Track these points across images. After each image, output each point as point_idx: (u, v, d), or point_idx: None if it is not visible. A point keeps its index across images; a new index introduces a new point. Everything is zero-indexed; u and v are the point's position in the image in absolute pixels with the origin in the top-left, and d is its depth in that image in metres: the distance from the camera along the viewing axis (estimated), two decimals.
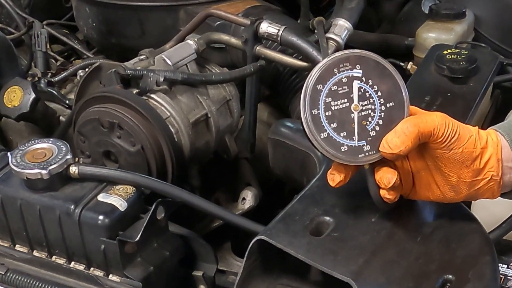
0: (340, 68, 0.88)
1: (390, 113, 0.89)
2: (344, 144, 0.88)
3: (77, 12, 1.82)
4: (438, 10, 1.61)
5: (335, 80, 0.88)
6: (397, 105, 0.90)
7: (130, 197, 1.09)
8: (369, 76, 0.89)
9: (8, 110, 1.53)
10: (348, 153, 0.88)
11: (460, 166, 0.91)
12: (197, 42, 1.43)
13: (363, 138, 0.89)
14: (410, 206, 0.98)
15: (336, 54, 0.89)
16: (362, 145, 0.89)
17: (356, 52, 0.90)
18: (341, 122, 0.88)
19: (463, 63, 1.33)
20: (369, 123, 0.89)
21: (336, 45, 1.39)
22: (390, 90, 0.90)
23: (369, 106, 0.89)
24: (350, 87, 0.88)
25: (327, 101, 0.87)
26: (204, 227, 1.39)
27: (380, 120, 0.89)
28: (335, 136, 0.88)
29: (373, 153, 0.89)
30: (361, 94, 0.88)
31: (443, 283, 0.89)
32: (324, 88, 0.87)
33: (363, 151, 0.89)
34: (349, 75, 0.88)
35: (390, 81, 0.90)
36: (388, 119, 0.89)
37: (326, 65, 0.88)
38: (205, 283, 1.16)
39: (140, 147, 1.24)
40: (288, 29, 1.39)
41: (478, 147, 0.91)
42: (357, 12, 1.45)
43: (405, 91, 0.90)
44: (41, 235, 1.11)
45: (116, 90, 1.28)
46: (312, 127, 0.87)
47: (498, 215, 1.09)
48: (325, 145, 0.88)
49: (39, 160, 1.09)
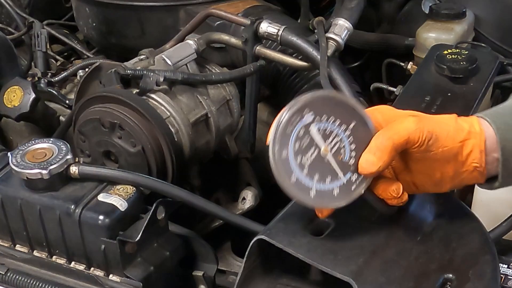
0: (292, 124, 0.84)
1: (356, 134, 0.87)
2: (333, 188, 0.86)
3: (77, 12, 1.82)
4: (438, 10, 1.61)
5: (293, 139, 0.84)
6: (359, 123, 0.87)
7: (130, 197, 1.09)
8: (321, 112, 0.85)
9: (8, 110, 1.53)
10: (342, 193, 0.86)
11: (442, 163, 0.90)
12: (197, 42, 1.43)
13: (347, 170, 0.87)
14: (410, 205, 0.98)
15: (283, 116, 0.84)
16: (349, 177, 0.87)
17: (299, 102, 0.85)
18: (321, 171, 0.85)
19: (463, 63, 1.33)
20: (344, 154, 0.87)
21: (336, 44, 1.39)
22: (344, 113, 0.87)
23: (335, 139, 0.86)
24: (309, 134, 0.85)
25: (300, 162, 0.84)
26: (204, 227, 1.39)
27: (352, 144, 0.87)
28: (322, 186, 0.85)
29: (362, 178, 0.88)
30: (323, 134, 0.86)
31: (443, 283, 0.89)
32: (289, 153, 0.84)
33: (353, 182, 0.87)
34: (303, 125, 0.85)
35: (342, 105, 0.87)
36: (358, 140, 0.87)
37: (280, 133, 0.84)
38: (205, 283, 1.16)
39: (140, 148, 1.24)
40: (288, 29, 1.39)
41: (457, 140, 0.89)
42: (357, 12, 1.45)
43: (358, 107, 0.87)
44: (41, 235, 1.11)
45: (116, 90, 1.28)
46: (300, 195, 0.85)
47: (499, 214, 1.10)
48: (318, 201, 0.86)
49: (39, 160, 1.09)
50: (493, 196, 1.21)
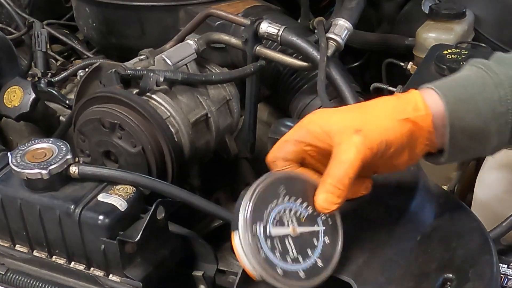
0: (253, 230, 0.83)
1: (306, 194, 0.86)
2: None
3: (77, 12, 1.82)
4: (438, 10, 1.61)
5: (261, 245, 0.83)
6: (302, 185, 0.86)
7: (130, 197, 1.09)
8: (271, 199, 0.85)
9: (8, 110, 1.53)
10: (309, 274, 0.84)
11: (397, 155, 0.88)
12: (197, 42, 1.43)
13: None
14: (410, 205, 0.98)
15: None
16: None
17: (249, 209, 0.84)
18: (284, 251, 0.84)
19: (463, 63, 1.33)
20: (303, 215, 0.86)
21: (336, 45, 1.39)
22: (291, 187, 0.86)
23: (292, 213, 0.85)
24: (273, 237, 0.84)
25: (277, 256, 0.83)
26: (204, 227, 1.39)
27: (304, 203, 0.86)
28: (295, 267, 0.83)
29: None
30: (279, 220, 0.84)
31: (443, 282, 0.89)
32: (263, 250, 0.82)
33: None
34: (263, 226, 0.84)
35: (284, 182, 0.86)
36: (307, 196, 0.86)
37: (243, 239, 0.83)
38: (205, 283, 1.16)
39: (141, 148, 1.24)
40: (288, 29, 1.39)
41: (405, 134, 0.86)
42: (357, 12, 1.45)
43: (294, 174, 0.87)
44: (41, 235, 1.11)
45: (116, 90, 1.28)
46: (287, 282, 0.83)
47: (499, 214, 1.10)
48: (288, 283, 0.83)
49: (39, 160, 1.09)
50: (493, 196, 1.21)
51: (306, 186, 0.87)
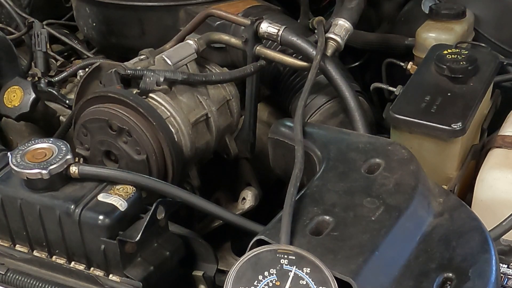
0: None
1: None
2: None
3: (77, 12, 1.82)
4: (438, 10, 1.61)
5: None
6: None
7: (130, 197, 1.08)
8: None
9: (8, 110, 1.53)
10: None
11: None
12: (197, 42, 1.43)
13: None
14: (410, 204, 0.98)
15: None
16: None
17: None
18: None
19: (463, 63, 1.33)
20: None
21: (336, 45, 1.39)
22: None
23: None
24: None
25: None
26: (204, 227, 1.39)
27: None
28: None
29: None
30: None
31: (443, 282, 0.89)
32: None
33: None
34: None
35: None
36: None
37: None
38: (205, 283, 1.16)
39: (145, 157, 1.23)
40: (288, 29, 1.39)
41: None
42: (357, 12, 1.45)
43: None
44: (41, 235, 1.11)
45: (118, 91, 1.28)
46: None
47: (499, 214, 1.09)
48: None
49: (39, 160, 1.09)
50: (493, 196, 1.21)
51: None
